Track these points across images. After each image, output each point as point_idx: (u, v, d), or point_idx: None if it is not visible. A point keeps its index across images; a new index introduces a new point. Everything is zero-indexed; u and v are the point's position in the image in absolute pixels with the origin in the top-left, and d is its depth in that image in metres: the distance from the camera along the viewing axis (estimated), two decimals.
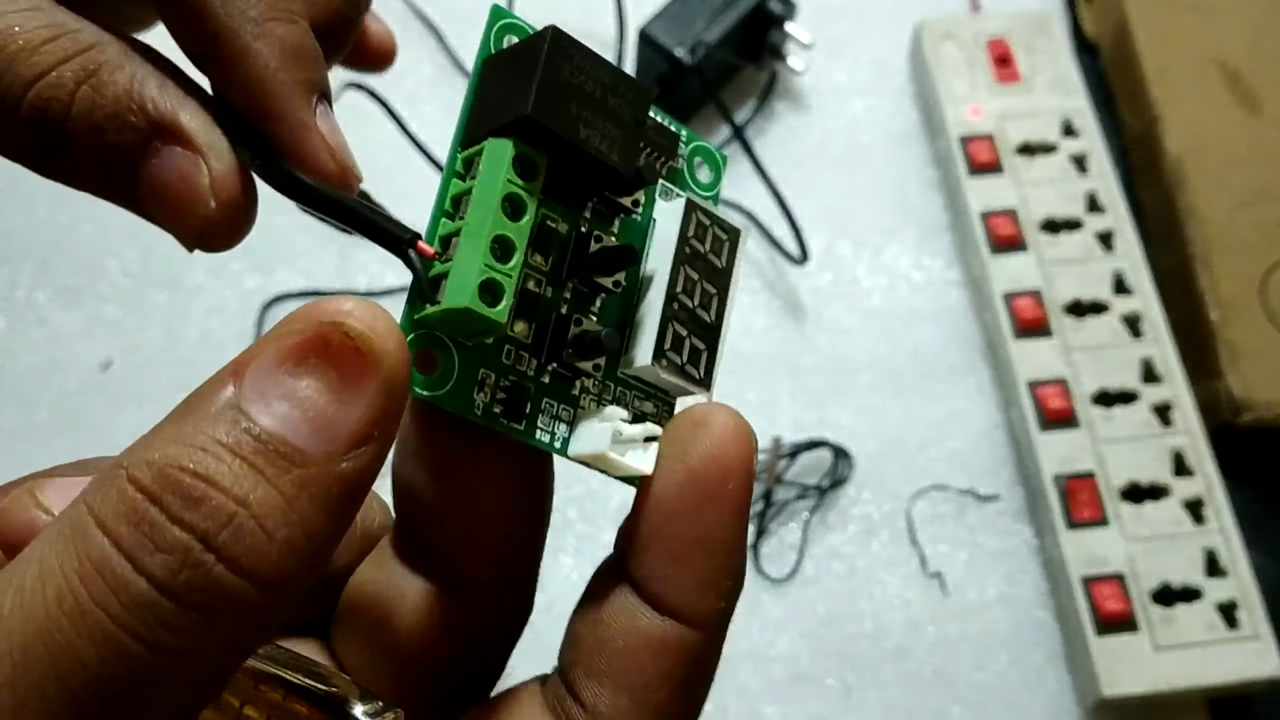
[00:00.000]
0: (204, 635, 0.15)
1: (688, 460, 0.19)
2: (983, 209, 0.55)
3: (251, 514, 0.15)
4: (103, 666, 0.14)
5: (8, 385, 0.52)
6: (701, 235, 0.20)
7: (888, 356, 0.54)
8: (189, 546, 0.14)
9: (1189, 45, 0.58)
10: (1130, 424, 0.50)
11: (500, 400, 0.19)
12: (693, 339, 0.20)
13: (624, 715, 0.19)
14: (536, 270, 0.19)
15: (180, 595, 0.14)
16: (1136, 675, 0.45)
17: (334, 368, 0.16)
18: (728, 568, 0.19)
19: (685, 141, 0.22)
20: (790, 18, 0.58)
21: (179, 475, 0.15)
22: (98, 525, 0.15)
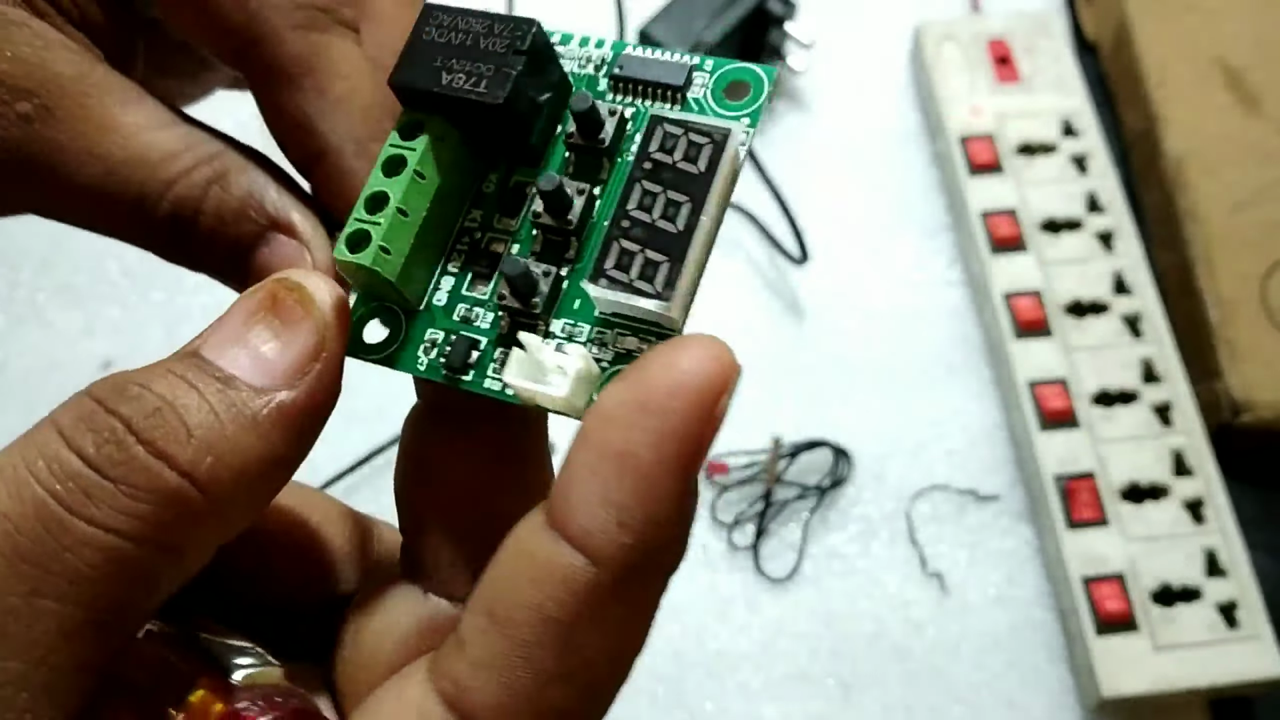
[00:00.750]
0: (124, 509, 0.16)
1: (639, 370, 0.16)
2: (983, 209, 0.55)
3: (174, 410, 0.17)
4: (25, 524, 0.16)
5: (8, 385, 0.52)
6: (670, 146, 0.19)
7: (888, 356, 0.54)
8: (114, 427, 0.16)
9: (1189, 45, 0.58)
10: (1130, 424, 0.50)
11: (445, 354, 0.20)
12: (648, 252, 0.18)
13: (488, 646, 0.17)
14: (503, 232, 0.20)
15: (101, 467, 0.16)
16: (1136, 675, 0.45)
17: (278, 317, 0.18)
18: (646, 498, 0.16)
19: (711, 70, 0.21)
20: (790, 18, 0.58)
21: (125, 384, 0.17)
22: (50, 422, 0.17)
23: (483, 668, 0.16)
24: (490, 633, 0.16)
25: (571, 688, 0.16)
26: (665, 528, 0.16)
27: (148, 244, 0.23)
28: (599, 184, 0.20)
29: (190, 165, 0.22)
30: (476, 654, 0.17)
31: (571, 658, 0.16)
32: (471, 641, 0.17)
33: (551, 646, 0.16)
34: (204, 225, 0.22)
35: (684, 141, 0.19)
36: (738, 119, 0.20)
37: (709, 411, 0.16)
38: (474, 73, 0.19)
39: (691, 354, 0.16)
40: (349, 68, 0.22)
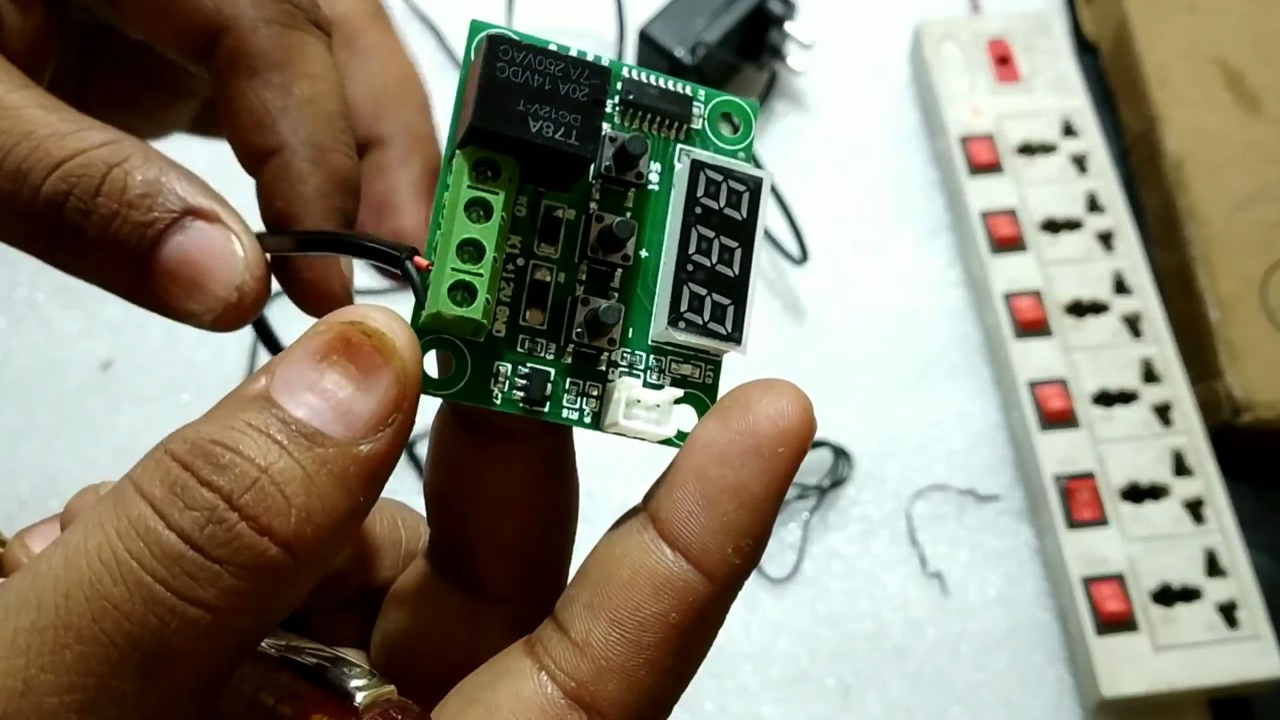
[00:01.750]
0: (229, 589, 0.16)
1: (750, 415, 0.19)
2: (983, 209, 0.55)
3: (272, 480, 0.16)
4: (135, 612, 0.15)
5: (8, 385, 0.52)
6: (714, 192, 0.20)
7: (888, 356, 0.54)
8: (214, 505, 0.16)
9: (1189, 45, 0.58)
10: (1130, 424, 0.50)
11: (520, 387, 0.20)
12: (714, 296, 0.20)
13: (613, 651, 0.18)
14: (546, 260, 0.20)
15: (206, 548, 0.16)
16: (1137, 675, 0.45)
17: (354, 362, 0.17)
18: (754, 526, 0.19)
19: (704, 100, 0.22)
20: (790, 18, 0.58)
21: (209, 446, 0.16)
22: (136, 489, 0.16)
23: (609, 670, 0.18)
24: (614, 636, 0.18)
25: (681, 681, 0.19)
26: (764, 547, 0.19)
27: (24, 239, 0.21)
28: (625, 214, 0.21)
29: (84, 146, 0.20)
30: (601, 657, 0.18)
31: (682, 658, 0.19)
32: (593, 645, 0.19)
33: (671, 649, 0.18)
34: (101, 213, 0.20)
35: (725, 188, 0.20)
36: (737, 154, 0.22)
37: (804, 452, 0.19)
38: (560, 121, 0.19)
39: (792, 405, 0.19)
40: (319, 69, 0.22)
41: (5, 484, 0.50)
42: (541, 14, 0.61)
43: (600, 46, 0.61)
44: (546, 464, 0.22)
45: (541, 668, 0.19)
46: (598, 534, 0.54)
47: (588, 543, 0.21)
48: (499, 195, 0.19)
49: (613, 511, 0.55)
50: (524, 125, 0.19)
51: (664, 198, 0.21)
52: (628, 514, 0.20)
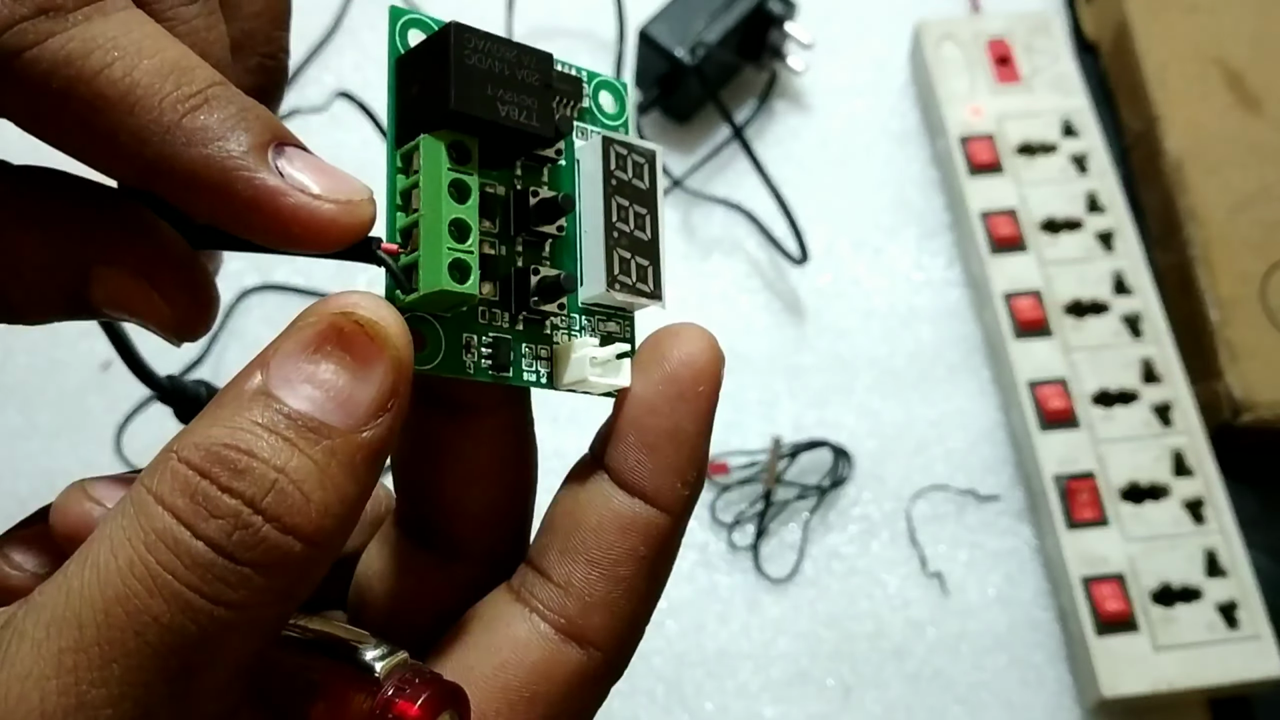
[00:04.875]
0: (259, 588, 0.17)
1: (667, 364, 0.22)
2: (983, 209, 0.55)
3: (290, 480, 0.17)
4: (174, 621, 0.16)
5: (8, 385, 0.52)
6: (623, 164, 0.22)
7: (888, 356, 0.54)
8: (238, 511, 0.17)
9: (1189, 45, 0.58)
10: (1130, 424, 0.50)
11: (487, 356, 0.21)
12: (636, 259, 0.22)
13: (594, 587, 0.21)
14: (487, 234, 0.22)
15: (235, 554, 0.17)
16: (1136, 675, 0.45)
17: (348, 351, 0.18)
18: (694, 459, 0.22)
19: (587, 80, 0.24)
20: (790, 18, 0.58)
21: (224, 452, 0.17)
22: (157, 502, 0.17)
23: (594, 603, 0.21)
24: (594, 574, 0.21)
25: (653, 600, 0.22)
26: (704, 474, 0.22)
27: None
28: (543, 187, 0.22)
29: None
30: (585, 593, 0.21)
31: (654, 581, 0.22)
32: (574, 584, 0.21)
33: (645, 577, 0.21)
34: None
35: (630, 161, 0.22)
36: (623, 126, 0.24)
37: (719, 385, 0.22)
38: (522, 105, 0.21)
39: (698, 345, 0.22)
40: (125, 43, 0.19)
41: (5, 484, 0.50)
42: (541, 14, 0.61)
43: (600, 46, 0.61)
44: (510, 432, 0.23)
45: (531, 610, 0.21)
46: None
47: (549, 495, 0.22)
48: (474, 176, 0.20)
49: None
50: (495, 109, 0.20)
51: (570, 171, 0.23)
52: (579, 467, 0.23)
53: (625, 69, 0.59)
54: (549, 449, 0.55)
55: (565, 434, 0.52)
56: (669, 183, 0.57)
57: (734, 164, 0.58)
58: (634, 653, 0.22)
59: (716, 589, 0.50)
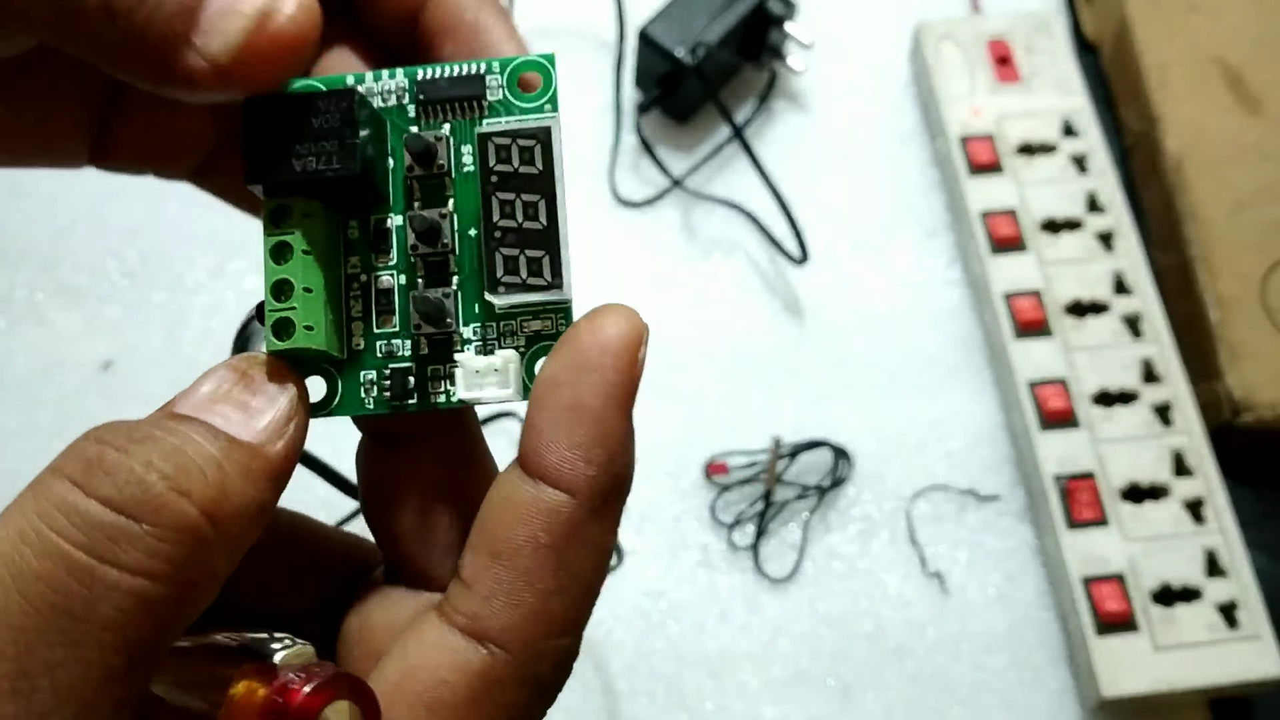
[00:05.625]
0: (150, 551, 0.16)
1: (572, 339, 0.20)
2: (983, 209, 0.55)
3: (188, 455, 0.17)
4: (57, 580, 0.16)
5: (8, 385, 0.53)
6: (506, 156, 0.21)
7: (888, 356, 0.54)
8: (132, 468, 0.17)
9: (1189, 45, 0.58)
10: (1130, 424, 0.50)
11: (385, 389, 0.22)
12: (526, 252, 0.21)
13: (494, 579, 0.20)
14: (386, 267, 0.22)
15: (125, 508, 0.16)
16: (1137, 675, 0.45)
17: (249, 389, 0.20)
18: (598, 435, 0.20)
19: (500, 70, 0.22)
20: (790, 18, 0.58)
21: (125, 427, 0.18)
22: (53, 473, 0.17)
23: (494, 597, 0.19)
24: (494, 568, 0.20)
25: (567, 596, 0.20)
26: (618, 455, 0.21)
27: None
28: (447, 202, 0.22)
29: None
30: (486, 588, 0.20)
31: (564, 573, 0.20)
32: (478, 580, 0.20)
33: (548, 566, 0.20)
34: None
35: (515, 149, 0.21)
36: (541, 109, 0.22)
37: (632, 359, 0.20)
38: (321, 151, 0.21)
39: (610, 319, 0.20)
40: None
41: (5, 484, 0.50)
42: (542, 14, 0.61)
43: (600, 46, 0.61)
44: (456, 455, 0.23)
45: (441, 614, 0.20)
46: None
47: None
48: (295, 233, 0.21)
49: None
50: (289, 167, 0.21)
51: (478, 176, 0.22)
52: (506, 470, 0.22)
53: (625, 69, 0.59)
54: None
55: None
56: (669, 182, 0.57)
57: (734, 164, 0.58)
58: (561, 657, 0.20)
59: (716, 589, 0.50)
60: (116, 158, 0.26)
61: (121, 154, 0.26)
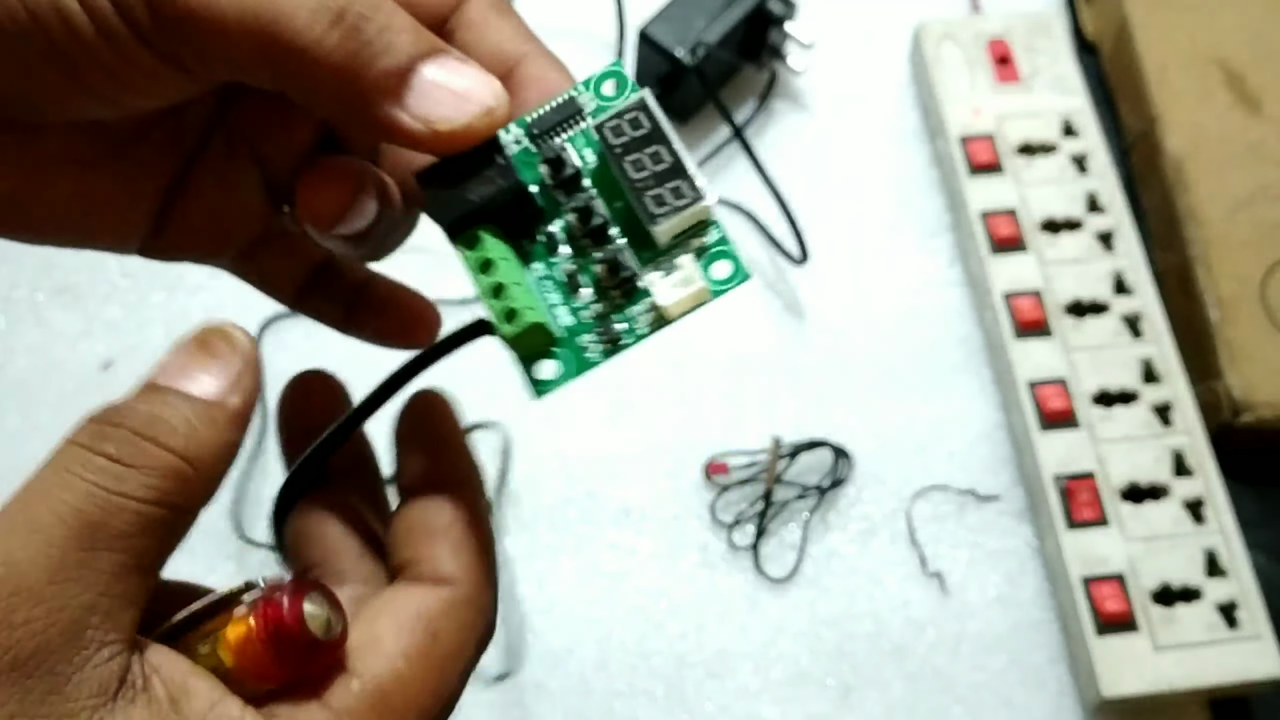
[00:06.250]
0: (144, 483, 0.22)
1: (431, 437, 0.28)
2: (983, 209, 0.55)
3: (163, 419, 0.23)
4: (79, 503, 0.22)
5: (8, 385, 0.53)
6: (619, 132, 0.25)
7: (888, 356, 0.54)
8: (124, 434, 0.23)
9: (1189, 45, 0.58)
10: (1130, 424, 0.50)
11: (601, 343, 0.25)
12: (666, 186, 0.25)
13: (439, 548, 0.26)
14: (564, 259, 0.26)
15: (123, 460, 0.22)
16: (1137, 675, 0.45)
17: (210, 353, 0.25)
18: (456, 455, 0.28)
19: (586, 87, 0.27)
20: (790, 18, 0.58)
21: (120, 406, 0.24)
22: (71, 442, 0.23)
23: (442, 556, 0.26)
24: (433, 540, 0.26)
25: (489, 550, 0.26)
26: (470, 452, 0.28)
27: None
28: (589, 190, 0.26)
29: None
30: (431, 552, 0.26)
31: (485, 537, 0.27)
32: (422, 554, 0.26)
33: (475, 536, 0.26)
34: None
35: (625, 123, 0.26)
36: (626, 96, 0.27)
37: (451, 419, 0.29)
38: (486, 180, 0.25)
39: None
40: None
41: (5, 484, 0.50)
42: (542, 14, 0.61)
43: (600, 46, 0.61)
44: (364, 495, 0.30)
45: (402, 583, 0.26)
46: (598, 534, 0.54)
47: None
48: (489, 250, 0.25)
49: (612, 512, 0.55)
50: (465, 200, 0.25)
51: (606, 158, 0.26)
52: None
53: (625, 69, 0.59)
54: (547, 450, 0.55)
55: (565, 433, 0.52)
56: None
57: (734, 164, 0.58)
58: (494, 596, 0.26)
59: (716, 589, 0.50)
60: (168, 245, 0.30)
61: (174, 240, 0.30)
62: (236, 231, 0.31)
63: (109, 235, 0.29)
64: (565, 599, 0.49)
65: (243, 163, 0.30)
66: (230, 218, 0.30)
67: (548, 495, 0.51)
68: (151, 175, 0.29)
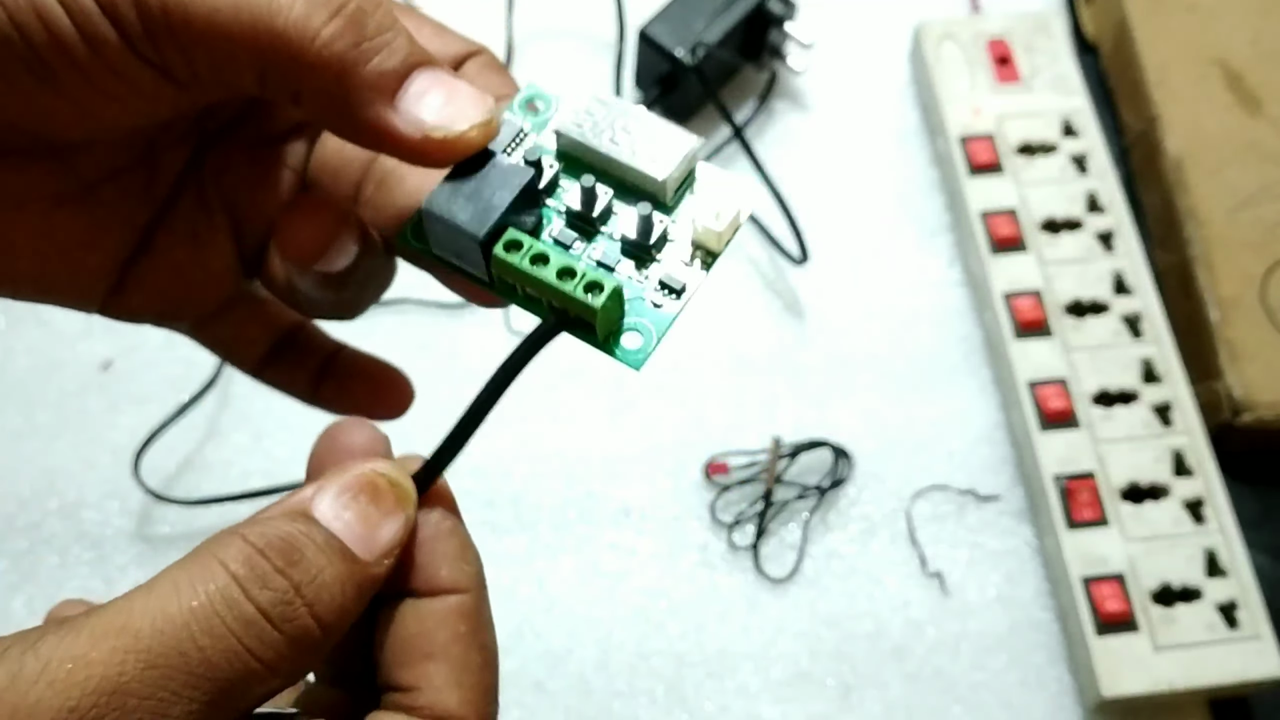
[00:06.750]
0: (282, 655, 0.21)
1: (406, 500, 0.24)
2: (983, 209, 0.55)
3: (325, 581, 0.22)
4: (214, 657, 0.20)
5: (8, 385, 0.52)
6: (579, 126, 0.26)
7: (888, 356, 0.54)
8: (286, 589, 0.21)
9: (1189, 45, 0.58)
10: (1130, 424, 0.50)
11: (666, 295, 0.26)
12: (656, 145, 0.26)
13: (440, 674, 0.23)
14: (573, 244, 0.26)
15: (275, 621, 0.21)
16: (1136, 675, 0.45)
17: (375, 503, 0.23)
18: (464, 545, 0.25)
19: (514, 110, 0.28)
20: (790, 18, 0.58)
21: (281, 544, 0.21)
22: (222, 566, 0.21)
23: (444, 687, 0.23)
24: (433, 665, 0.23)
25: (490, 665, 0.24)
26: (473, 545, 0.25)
27: None
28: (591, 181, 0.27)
29: None
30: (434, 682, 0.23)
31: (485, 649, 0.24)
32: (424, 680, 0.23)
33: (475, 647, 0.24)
34: None
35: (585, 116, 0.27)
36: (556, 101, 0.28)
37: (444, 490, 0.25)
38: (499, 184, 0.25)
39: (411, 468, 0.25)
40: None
41: (5, 484, 0.50)
42: (542, 14, 0.62)
43: (600, 46, 0.61)
44: None
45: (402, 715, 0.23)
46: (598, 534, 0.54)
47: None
48: (531, 247, 0.25)
49: (612, 512, 0.55)
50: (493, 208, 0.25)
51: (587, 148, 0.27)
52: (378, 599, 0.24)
53: (625, 69, 0.59)
54: (549, 449, 0.55)
55: (565, 433, 0.52)
56: None
57: (734, 164, 0.58)
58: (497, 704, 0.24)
59: (716, 589, 0.50)
60: (130, 303, 0.29)
61: (137, 299, 0.29)
62: (202, 293, 0.30)
63: (69, 287, 0.28)
64: (565, 599, 0.49)
65: (215, 220, 0.29)
66: (197, 278, 0.29)
67: (548, 495, 0.51)
68: (120, 222, 0.28)
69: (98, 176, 0.27)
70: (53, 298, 0.29)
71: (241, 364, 0.32)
